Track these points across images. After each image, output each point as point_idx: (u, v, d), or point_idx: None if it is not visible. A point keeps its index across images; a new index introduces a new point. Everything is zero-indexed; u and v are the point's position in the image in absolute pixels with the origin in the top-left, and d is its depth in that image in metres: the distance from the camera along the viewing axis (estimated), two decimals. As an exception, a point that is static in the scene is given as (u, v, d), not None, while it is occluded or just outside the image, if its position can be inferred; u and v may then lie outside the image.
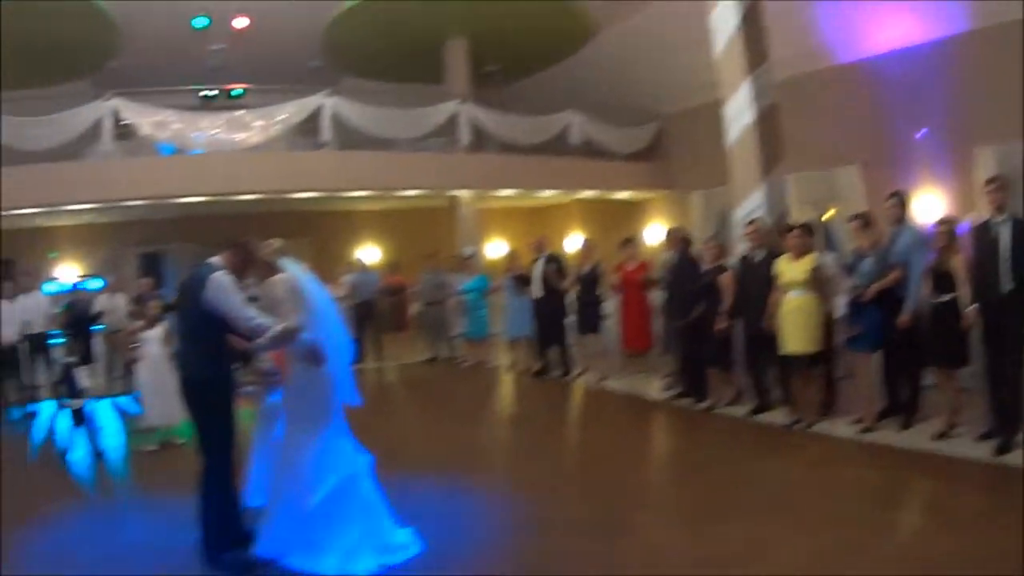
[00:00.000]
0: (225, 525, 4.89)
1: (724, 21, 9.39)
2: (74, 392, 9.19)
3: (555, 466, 6.91)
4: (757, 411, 8.09)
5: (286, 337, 4.80)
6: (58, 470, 7.93)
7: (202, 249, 5.39)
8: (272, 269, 5.05)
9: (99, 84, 15.44)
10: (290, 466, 4.79)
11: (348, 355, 5.11)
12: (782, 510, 5.11)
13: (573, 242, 12.07)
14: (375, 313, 14.39)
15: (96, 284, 13.50)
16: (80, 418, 8.95)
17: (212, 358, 4.91)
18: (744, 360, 8.37)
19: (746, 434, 7.51)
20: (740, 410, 8.24)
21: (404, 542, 4.83)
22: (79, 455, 8.50)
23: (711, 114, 10.39)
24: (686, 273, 8.93)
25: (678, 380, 9.41)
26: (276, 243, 5.32)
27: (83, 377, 11.02)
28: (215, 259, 4.97)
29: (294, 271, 5.00)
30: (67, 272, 16.92)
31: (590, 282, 11.15)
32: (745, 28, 9.13)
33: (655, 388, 9.95)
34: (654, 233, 16.43)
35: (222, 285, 4.77)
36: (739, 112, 9.21)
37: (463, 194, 16.39)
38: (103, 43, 15.74)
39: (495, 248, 18.65)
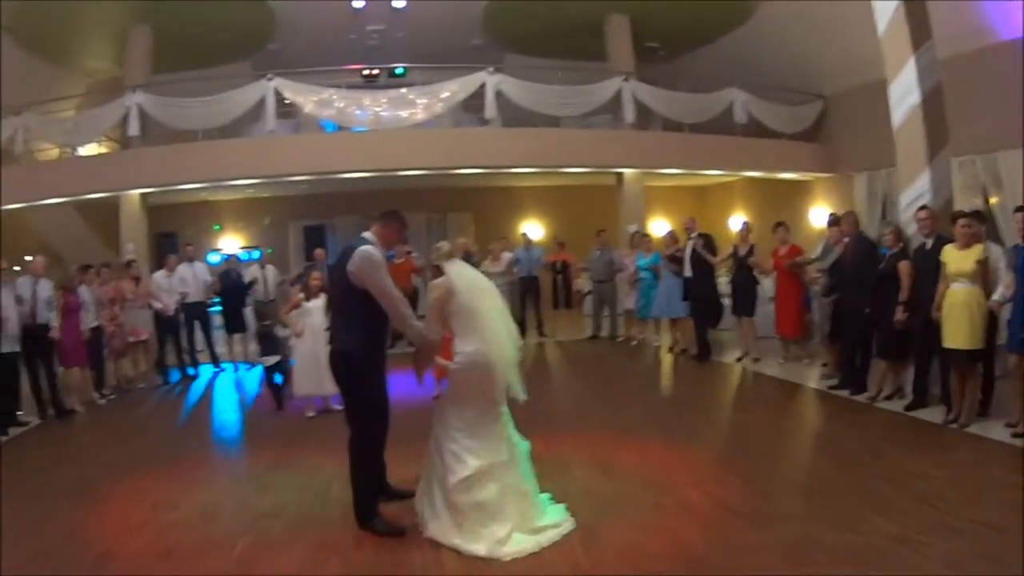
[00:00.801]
0: (370, 491, 5.22)
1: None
2: (269, 350, 9.78)
3: (708, 450, 6.94)
4: (913, 406, 7.93)
5: (419, 340, 5.12)
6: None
7: (365, 221, 5.44)
8: (439, 271, 5.20)
9: (259, 66, 16.18)
10: (440, 453, 5.04)
11: (512, 352, 5.16)
12: (927, 509, 5.08)
13: (735, 223, 11.84)
14: (539, 289, 14.58)
15: (255, 255, 13.96)
16: (273, 376, 9.59)
17: (357, 330, 5.08)
18: (913, 353, 8.08)
19: (901, 429, 7.37)
20: (898, 404, 8.12)
21: (557, 521, 4.99)
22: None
23: (876, 94, 10.02)
24: (865, 259, 8.65)
25: (838, 369, 9.35)
26: (444, 246, 5.46)
27: (232, 344, 12.93)
28: (367, 233, 5.20)
29: (456, 276, 5.13)
30: (229, 244, 17.73)
31: (746, 265, 11.17)
32: (908, 3, 8.75)
33: (813, 376, 9.92)
34: (817, 215, 15.90)
35: (368, 259, 4.98)
36: (904, 92, 8.84)
37: (628, 173, 16.32)
38: (261, 25, 16.48)
39: (659, 227, 18.38)
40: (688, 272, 11.73)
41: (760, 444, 7.05)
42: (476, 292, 5.09)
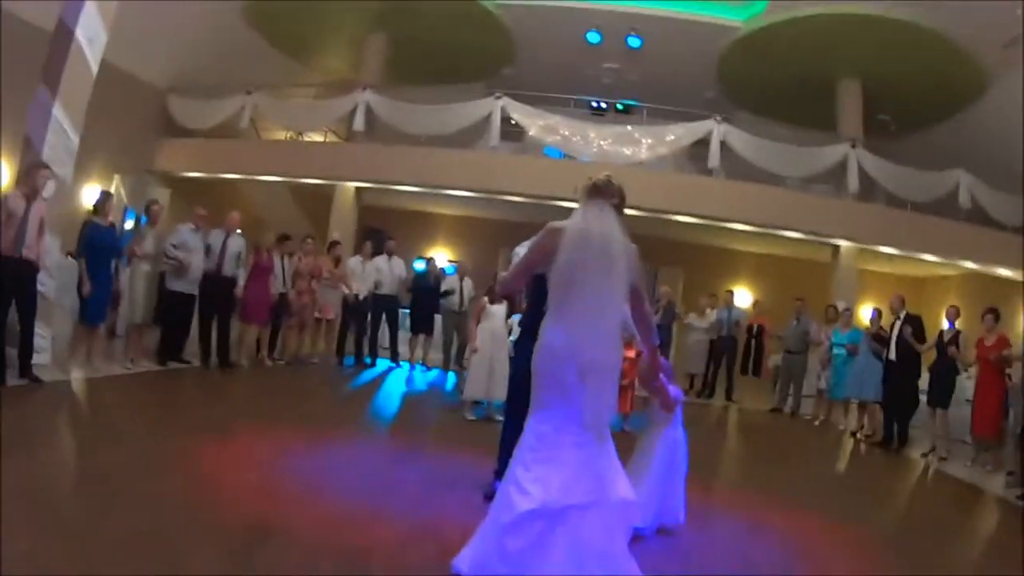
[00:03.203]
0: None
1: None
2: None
3: (860, 533, 6.18)
4: None
5: None
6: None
7: None
8: None
9: (493, 87, 16.92)
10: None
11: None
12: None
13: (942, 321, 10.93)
14: (735, 351, 14.54)
15: (450, 269, 14.13)
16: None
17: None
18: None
19: None
20: None
21: None
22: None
23: None
24: None
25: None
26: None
27: (416, 345, 13.61)
28: None
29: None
30: (437, 256, 18.49)
31: (945, 350, 10.47)
32: None
33: (999, 483, 9.03)
34: None
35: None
36: None
37: (844, 247, 16.11)
38: (499, 50, 17.47)
39: (866, 312, 17.17)
40: (892, 355, 11.06)
41: (919, 543, 6.18)
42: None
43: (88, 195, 13.41)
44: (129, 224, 14.01)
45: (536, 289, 4.86)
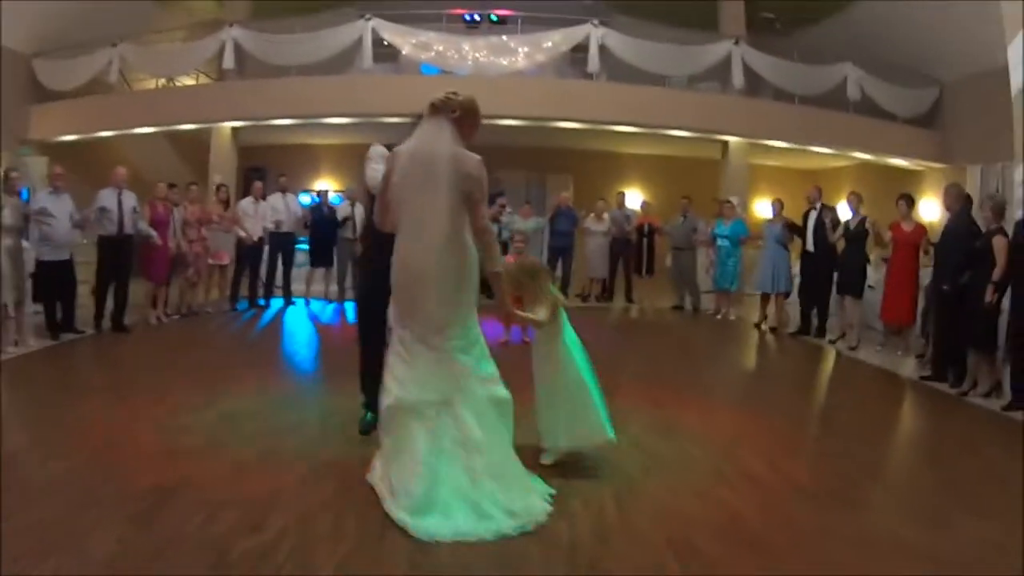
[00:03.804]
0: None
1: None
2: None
3: (783, 425, 6.53)
4: (1010, 407, 7.21)
5: None
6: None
7: None
8: None
9: (364, 10, 16.40)
10: None
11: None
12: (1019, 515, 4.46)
13: (843, 210, 11.24)
14: (629, 253, 14.72)
15: (336, 199, 14.22)
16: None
17: None
18: (1009, 345, 7.50)
19: (998, 428, 6.79)
20: (997, 403, 7.45)
21: (522, 508, 4.10)
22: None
23: (996, 83, 9.20)
24: (960, 233, 8.25)
25: (933, 360, 8.79)
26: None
27: (313, 280, 13.56)
28: None
29: None
30: (322, 186, 18.41)
31: (857, 238, 10.69)
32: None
33: (909, 366, 9.42)
34: (927, 208, 15.19)
35: None
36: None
37: (733, 142, 16.45)
38: None
39: (762, 206, 17.90)
40: (810, 246, 11.40)
41: (840, 428, 6.66)
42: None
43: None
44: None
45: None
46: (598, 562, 3.65)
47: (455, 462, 4.10)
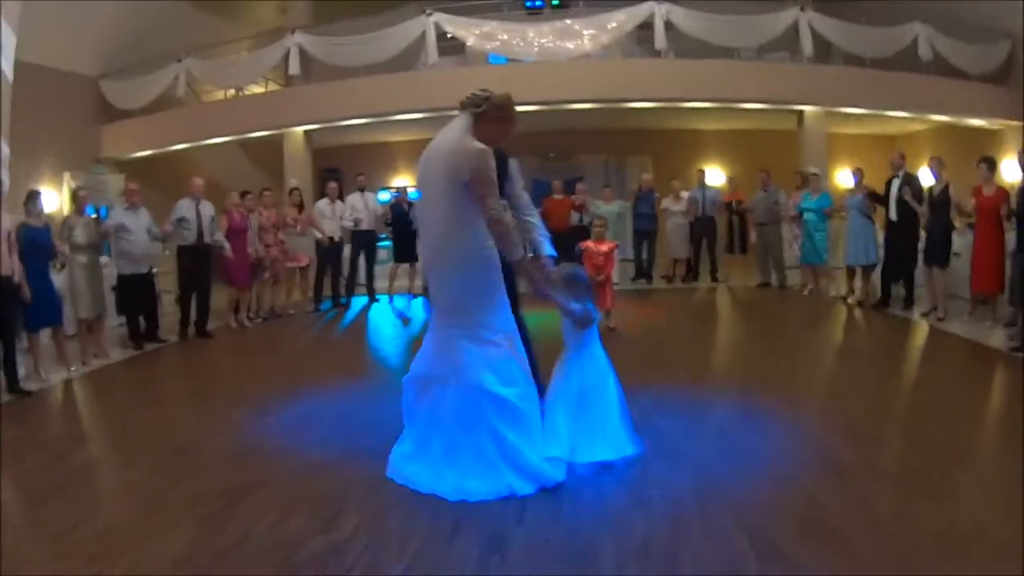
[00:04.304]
0: None
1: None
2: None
3: (870, 409, 6.13)
4: None
5: None
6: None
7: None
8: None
9: (426, 5, 16.32)
10: None
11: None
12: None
13: (925, 175, 10.65)
14: (715, 231, 14.57)
15: (413, 194, 14.31)
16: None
17: None
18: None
19: None
20: None
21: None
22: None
23: None
24: None
25: (1022, 329, 8.33)
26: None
27: (397, 275, 13.56)
28: None
29: None
30: (400, 182, 18.69)
31: (941, 206, 10.12)
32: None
33: (998, 336, 8.88)
34: (1009, 169, 14.29)
35: None
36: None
37: (808, 112, 16.02)
38: None
39: (843, 175, 17.22)
40: (893, 215, 10.79)
41: (927, 406, 6.27)
42: None
43: (45, 199, 13.18)
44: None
45: None
46: (673, 561, 3.54)
47: (444, 434, 4.46)
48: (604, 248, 9.44)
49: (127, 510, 4.28)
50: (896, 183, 10.76)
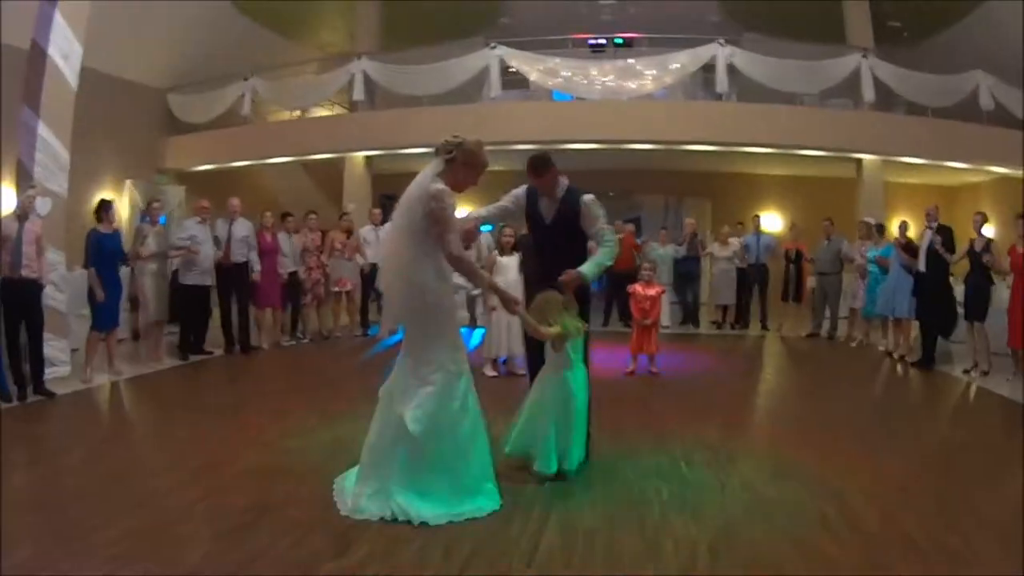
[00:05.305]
0: None
1: None
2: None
3: (903, 471, 5.88)
4: None
5: None
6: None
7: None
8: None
9: (491, 39, 16.76)
10: None
11: None
12: None
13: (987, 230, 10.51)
14: (766, 278, 14.45)
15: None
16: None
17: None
18: None
19: None
20: None
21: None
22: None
23: None
24: None
25: None
26: None
27: None
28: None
29: None
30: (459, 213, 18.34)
31: (978, 260, 10.02)
32: None
33: None
34: None
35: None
36: None
37: (867, 160, 16.03)
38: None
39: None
40: (922, 266, 10.70)
41: (963, 470, 6.00)
42: None
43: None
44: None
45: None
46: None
47: (387, 452, 4.67)
48: (652, 292, 9.50)
49: (150, 517, 4.42)
50: (928, 234, 10.63)
